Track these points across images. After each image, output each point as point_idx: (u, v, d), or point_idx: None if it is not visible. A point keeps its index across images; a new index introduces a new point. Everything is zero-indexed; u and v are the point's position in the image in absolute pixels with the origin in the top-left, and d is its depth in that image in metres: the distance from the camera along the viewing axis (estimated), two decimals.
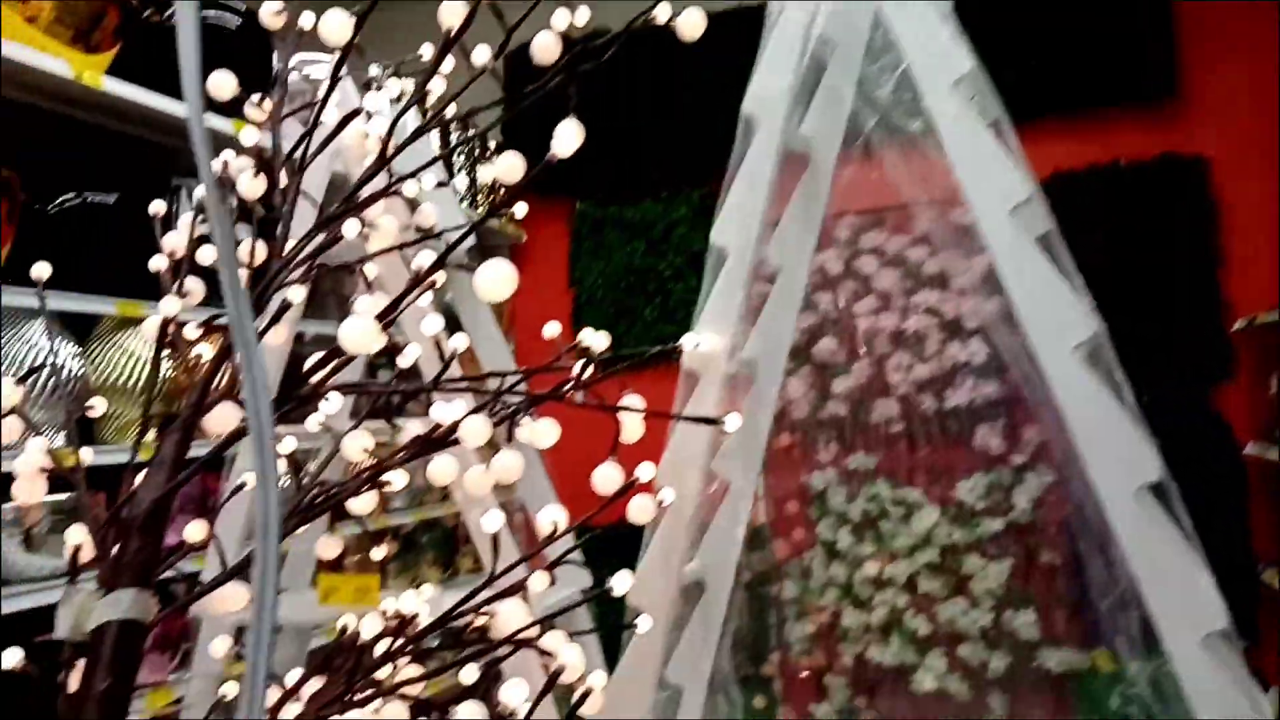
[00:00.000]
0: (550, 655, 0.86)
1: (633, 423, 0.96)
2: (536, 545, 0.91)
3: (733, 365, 1.37)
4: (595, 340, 0.94)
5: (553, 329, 1.01)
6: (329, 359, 0.84)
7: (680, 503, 1.29)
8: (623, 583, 0.91)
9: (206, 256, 0.92)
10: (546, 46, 0.89)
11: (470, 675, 0.91)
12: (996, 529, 2.82)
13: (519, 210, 1.00)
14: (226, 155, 0.97)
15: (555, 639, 0.86)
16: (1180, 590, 1.16)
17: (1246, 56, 3.43)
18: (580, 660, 0.86)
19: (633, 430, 0.96)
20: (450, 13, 0.83)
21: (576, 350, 0.94)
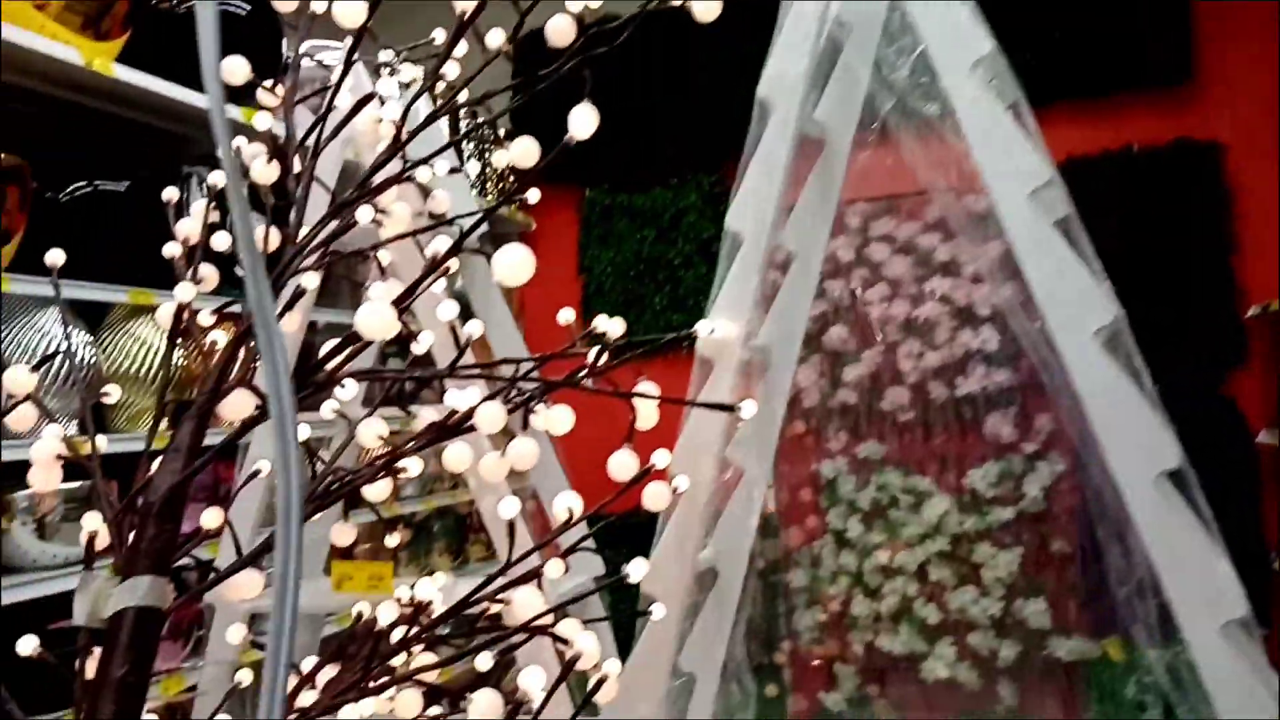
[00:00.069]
0: (566, 642, 0.85)
1: (647, 409, 0.96)
2: (551, 532, 0.91)
3: (747, 352, 1.36)
4: (610, 327, 0.94)
5: (567, 315, 1.01)
6: (344, 345, 0.84)
7: (694, 490, 1.28)
8: (638, 570, 0.91)
9: (220, 243, 0.92)
10: (561, 30, 0.88)
11: (485, 662, 0.91)
12: (1007, 517, 2.81)
13: (532, 196, 0.99)
14: (239, 141, 0.97)
15: (571, 626, 0.86)
16: (1199, 578, 1.15)
17: (1262, 41, 3.39)
18: (596, 648, 0.86)
19: (647, 417, 0.96)
20: None
21: (590, 337, 0.94)
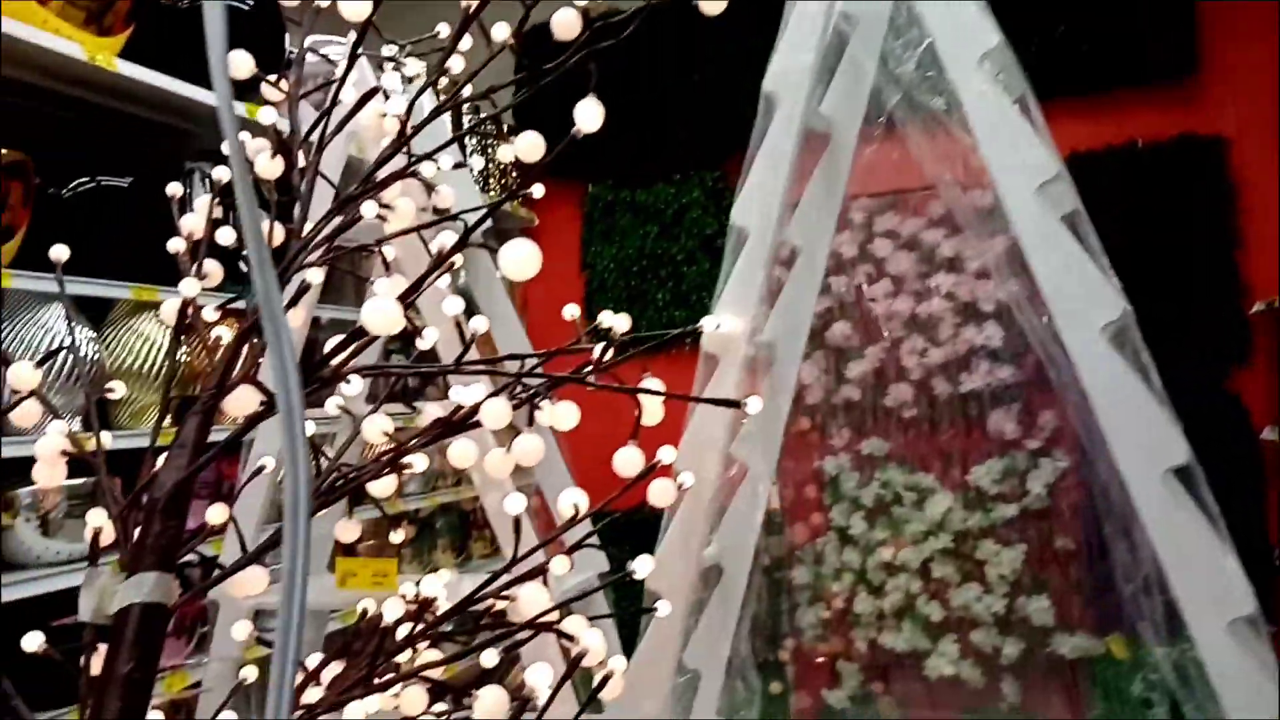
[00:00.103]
0: (572, 639, 0.85)
1: (653, 405, 0.95)
2: (557, 529, 0.91)
3: (752, 348, 1.36)
4: (616, 322, 0.94)
5: (572, 310, 1.00)
6: (350, 341, 0.83)
7: (699, 486, 1.28)
8: (644, 566, 0.90)
9: (225, 238, 0.91)
10: (567, 23, 0.88)
11: (490, 659, 0.90)
12: (1011, 514, 2.81)
13: (537, 191, 0.99)
14: (243, 136, 0.96)
15: (577, 623, 0.86)
16: (1206, 575, 1.15)
17: (1266, 35, 3.38)
18: (602, 645, 0.85)
19: (653, 413, 0.96)
20: None
21: (595, 332, 0.93)
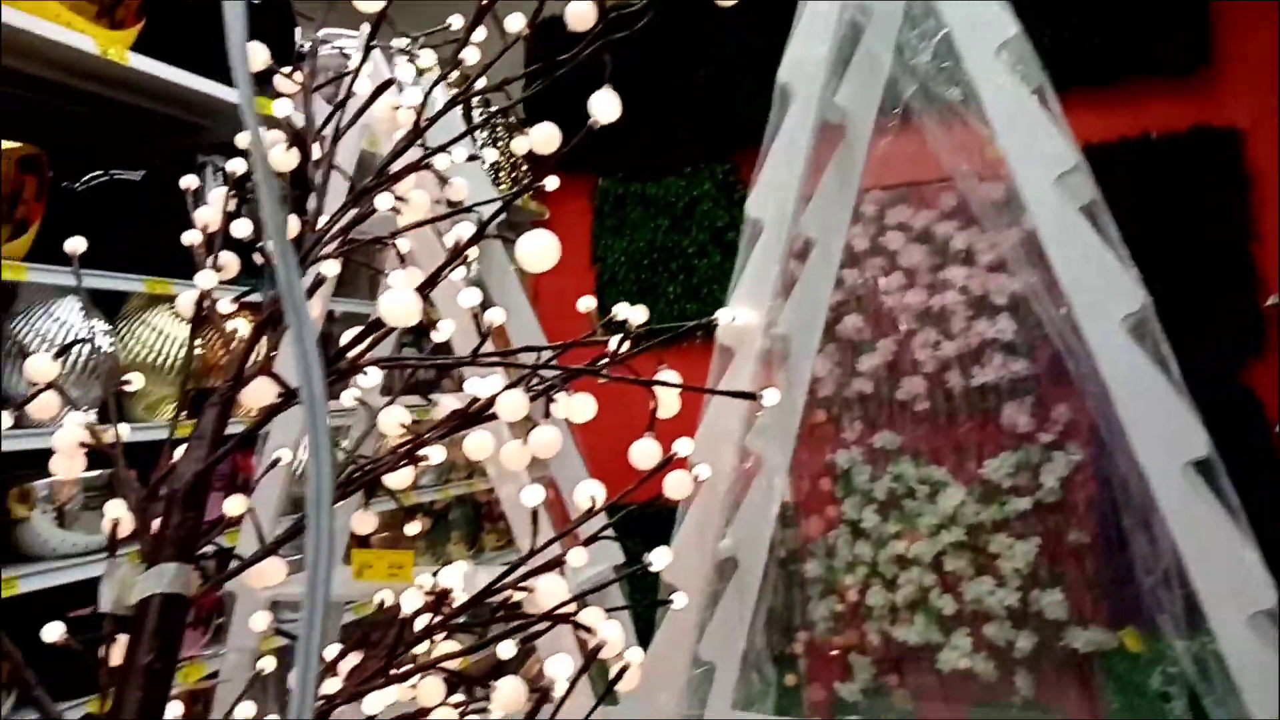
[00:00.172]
0: (590, 631, 0.85)
1: (669, 397, 0.95)
2: (574, 521, 0.91)
3: (767, 340, 1.36)
4: (632, 314, 0.93)
5: (587, 302, 1.00)
6: (367, 333, 0.83)
7: (714, 479, 1.28)
8: (661, 558, 0.90)
9: (240, 230, 0.92)
10: (581, 15, 0.87)
11: (508, 650, 0.90)
12: (1024, 508, 2.80)
13: (551, 183, 0.99)
14: (246, 122, 0.96)
15: (594, 615, 0.86)
16: (1226, 568, 1.14)
17: None
18: (620, 636, 0.85)
19: (669, 405, 0.96)
20: None
21: (610, 325, 0.93)
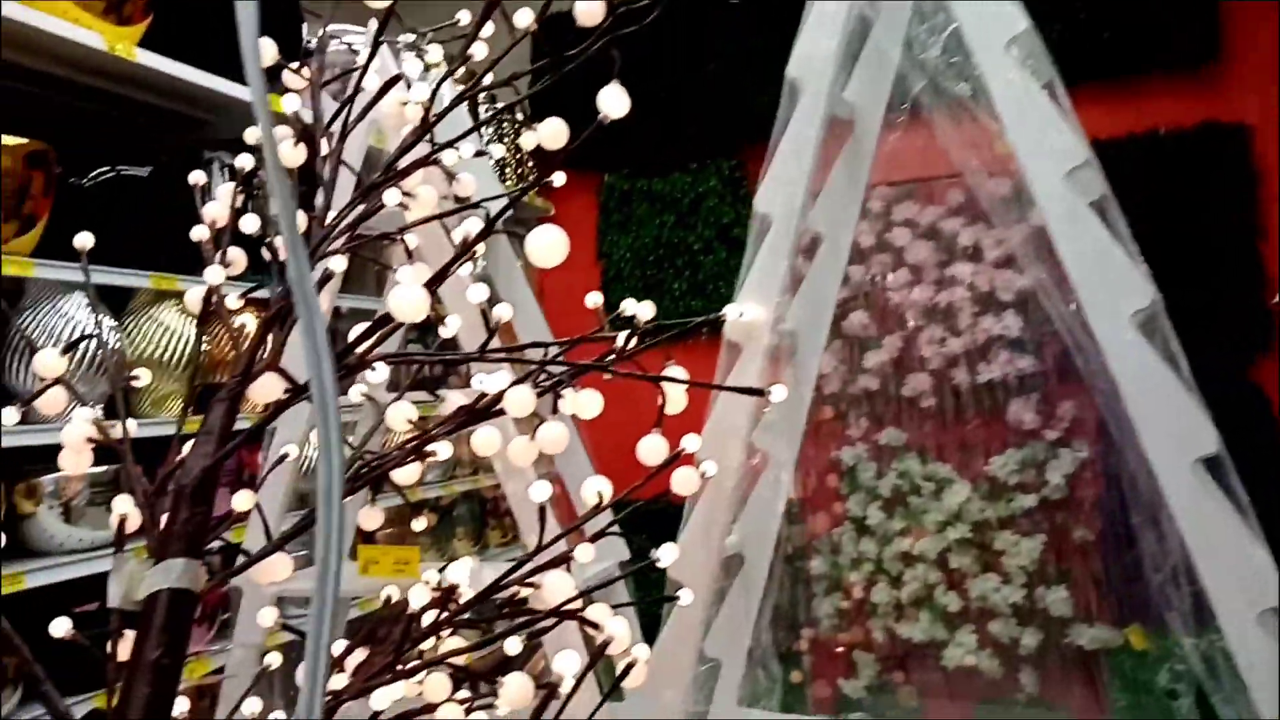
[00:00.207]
0: (596, 627, 0.85)
1: (677, 394, 0.95)
2: (581, 517, 0.91)
3: (775, 336, 1.35)
4: (640, 310, 0.93)
5: (595, 298, 1.00)
6: (375, 328, 0.83)
7: (721, 475, 1.28)
8: (669, 555, 0.90)
9: (248, 226, 0.91)
10: (590, 11, 0.87)
11: (514, 646, 0.90)
12: (1029, 505, 2.80)
13: (558, 179, 0.99)
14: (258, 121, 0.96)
15: (601, 611, 0.86)
16: (1236, 565, 1.14)
17: None
18: (627, 633, 0.85)
19: (677, 401, 0.95)
20: None
21: (618, 321, 0.93)
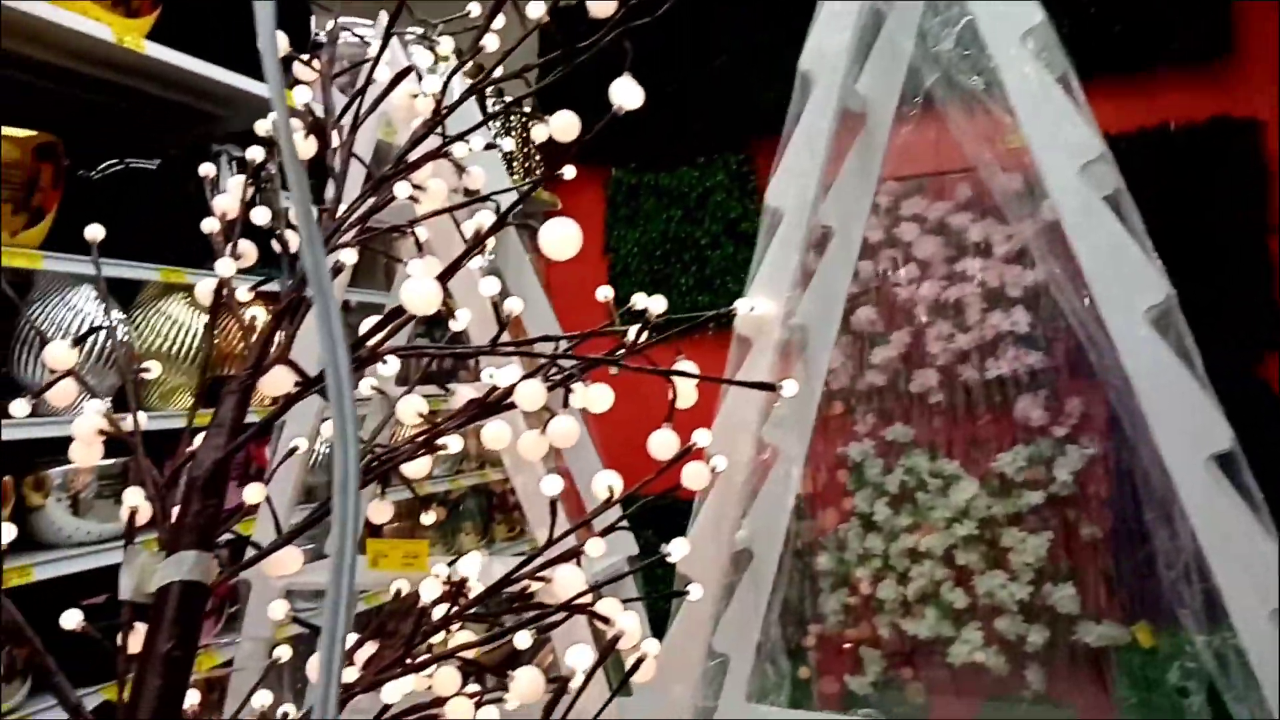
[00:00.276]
0: (607, 621, 0.85)
1: (687, 388, 0.95)
2: (591, 512, 0.90)
3: (785, 331, 1.35)
4: (651, 304, 0.93)
5: (605, 292, 0.99)
6: (387, 321, 0.83)
7: (731, 470, 1.27)
8: (679, 549, 0.90)
9: (260, 218, 0.91)
10: (602, 3, 0.87)
11: (524, 640, 0.90)
12: (1036, 502, 2.79)
13: (568, 172, 0.98)
14: (275, 118, 0.96)
15: (612, 605, 0.86)
16: (1249, 562, 1.13)
17: None
18: (638, 627, 0.85)
19: (687, 396, 0.95)
20: None
21: (628, 315, 0.93)
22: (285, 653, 1.04)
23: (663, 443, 0.92)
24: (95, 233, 0.92)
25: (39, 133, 2.06)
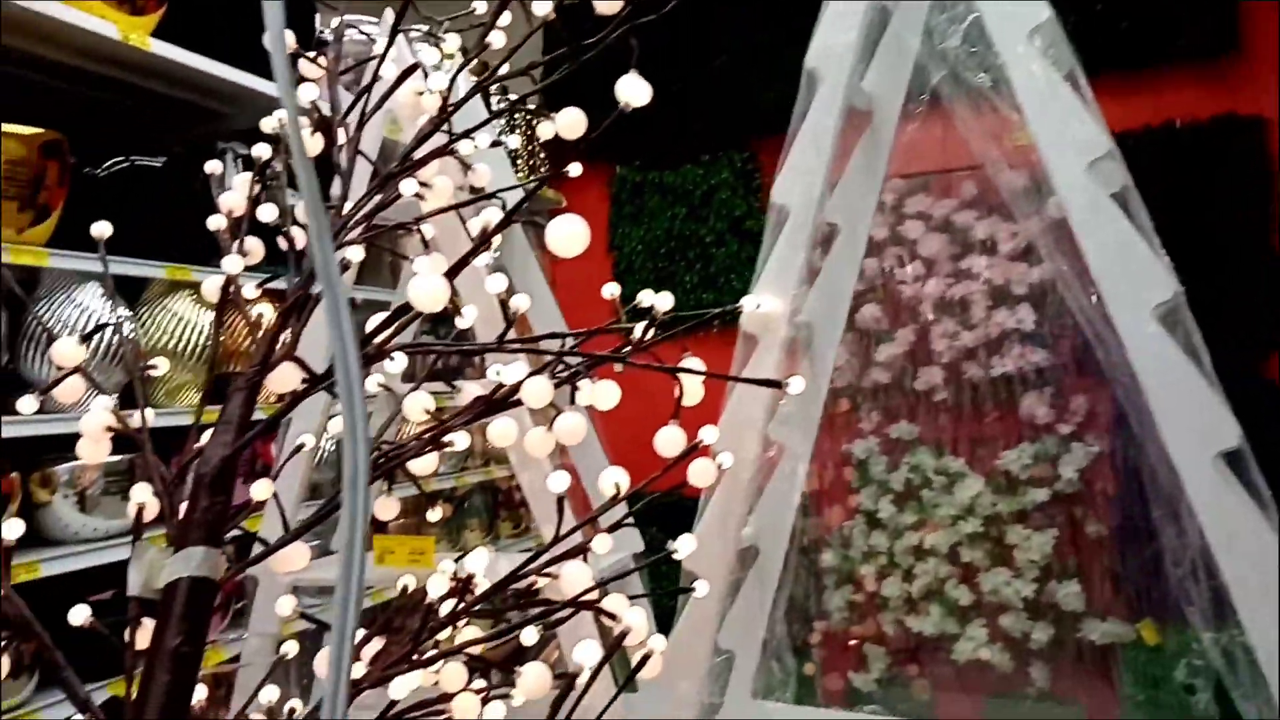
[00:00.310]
0: (614, 618, 0.85)
1: (693, 385, 0.95)
2: (598, 508, 0.90)
3: (791, 328, 1.35)
4: (658, 301, 0.93)
5: (611, 289, 0.99)
6: (394, 318, 0.83)
7: (737, 467, 1.27)
8: (686, 546, 0.90)
9: (267, 215, 0.91)
10: (609, 0, 0.87)
11: (530, 637, 0.90)
12: (1041, 499, 2.79)
13: (574, 169, 0.98)
14: (281, 115, 0.96)
15: (619, 602, 0.86)
16: (1257, 560, 1.13)
17: None
18: (644, 624, 0.85)
19: (694, 393, 0.95)
20: None
21: (634, 312, 0.93)
22: (292, 648, 1.05)
23: (669, 440, 0.92)
24: (102, 230, 0.92)
25: (45, 130, 2.06)
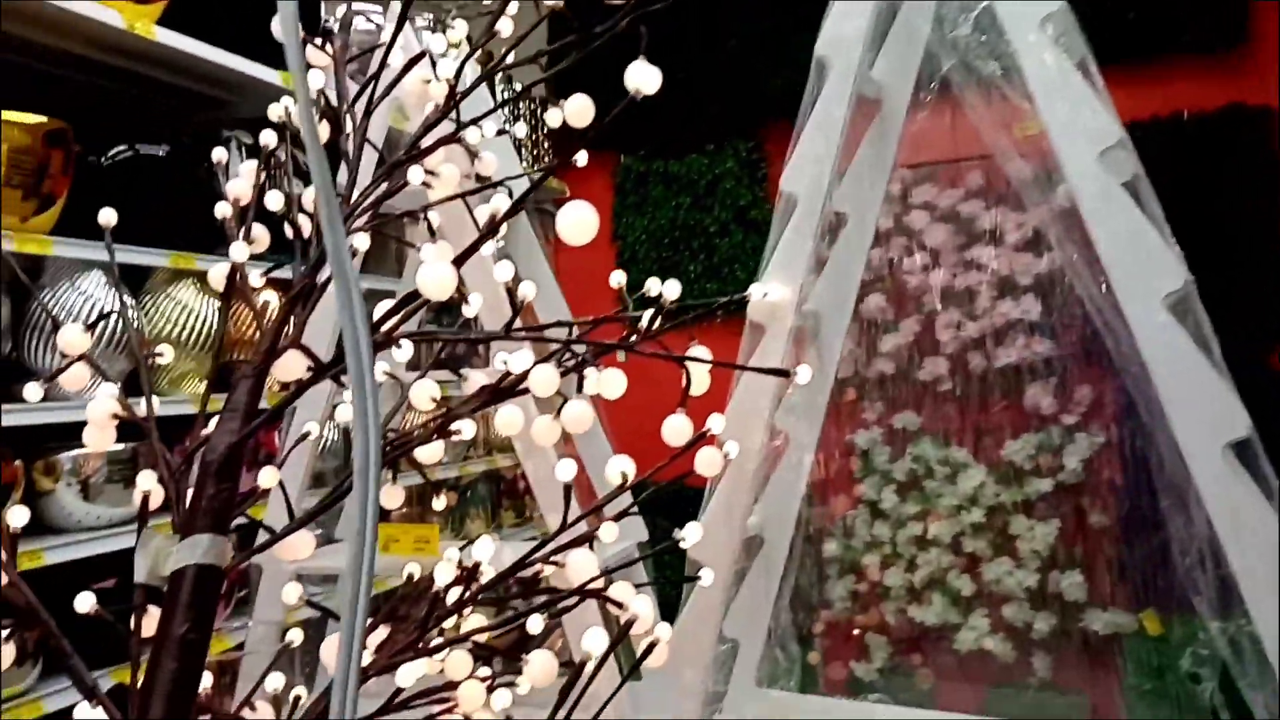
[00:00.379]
0: (620, 606, 0.85)
1: (700, 374, 0.94)
2: (604, 497, 0.90)
3: (799, 317, 1.34)
4: (666, 289, 0.93)
5: (619, 277, 0.99)
6: (401, 305, 0.83)
7: (743, 456, 1.27)
8: (693, 534, 0.90)
9: (273, 203, 0.91)
10: None
11: (536, 625, 0.90)
12: (1045, 489, 2.78)
13: (580, 158, 0.98)
14: (286, 103, 0.96)
15: (625, 590, 0.86)
16: (1265, 550, 1.13)
17: None
18: (650, 612, 0.85)
19: (700, 382, 0.95)
20: None
21: (641, 301, 0.92)
22: (297, 636, 1.05)
23: (676, 429, 0.92)
24: (108, 217, 0.91)
25: (49, 119, 2.06)
